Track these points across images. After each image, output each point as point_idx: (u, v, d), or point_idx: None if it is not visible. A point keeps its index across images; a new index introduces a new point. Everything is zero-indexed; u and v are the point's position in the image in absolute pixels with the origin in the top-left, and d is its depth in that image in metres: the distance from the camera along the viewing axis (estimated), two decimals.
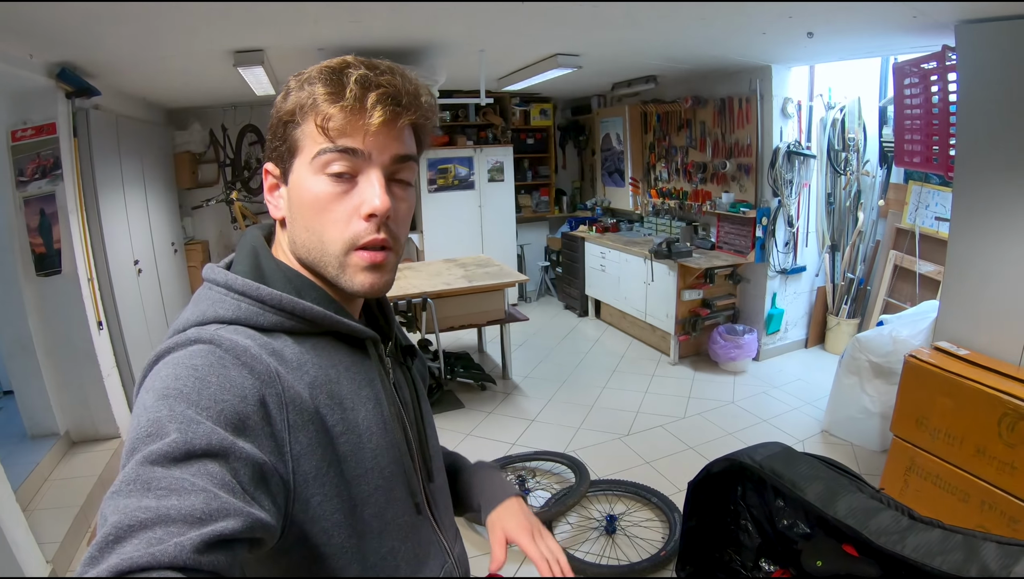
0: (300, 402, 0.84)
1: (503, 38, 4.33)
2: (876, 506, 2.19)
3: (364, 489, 0.90)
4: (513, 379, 5.84)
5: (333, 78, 0.87)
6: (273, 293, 0.90)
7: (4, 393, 5.18)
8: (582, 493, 3.71)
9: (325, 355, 0.93)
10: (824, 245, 6.09)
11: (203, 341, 0.82)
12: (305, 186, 0.91)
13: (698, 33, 4.26)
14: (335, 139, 0.87)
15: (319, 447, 0.84)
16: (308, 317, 0.92)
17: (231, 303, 0.89)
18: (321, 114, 0.87)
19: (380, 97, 0.86)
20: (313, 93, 0.88)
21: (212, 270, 0.95)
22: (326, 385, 0.89)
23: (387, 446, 0.96)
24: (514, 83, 6.11)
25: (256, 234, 1.01)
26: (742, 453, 2.60)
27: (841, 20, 3.74)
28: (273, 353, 0.86)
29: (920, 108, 4.17)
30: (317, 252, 0.93)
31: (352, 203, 0.90)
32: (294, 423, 0.82)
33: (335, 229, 0.91)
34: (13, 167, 4.07)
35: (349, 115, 0.87)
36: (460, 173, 7.90)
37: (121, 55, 4.01)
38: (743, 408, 5.07)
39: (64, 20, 3.11)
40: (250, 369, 0.80)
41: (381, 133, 0.88)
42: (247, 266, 0.95)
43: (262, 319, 0.89)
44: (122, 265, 5.06)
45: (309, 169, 0.90)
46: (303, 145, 0.90)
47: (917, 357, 3.37)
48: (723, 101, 5.98)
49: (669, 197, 6.97)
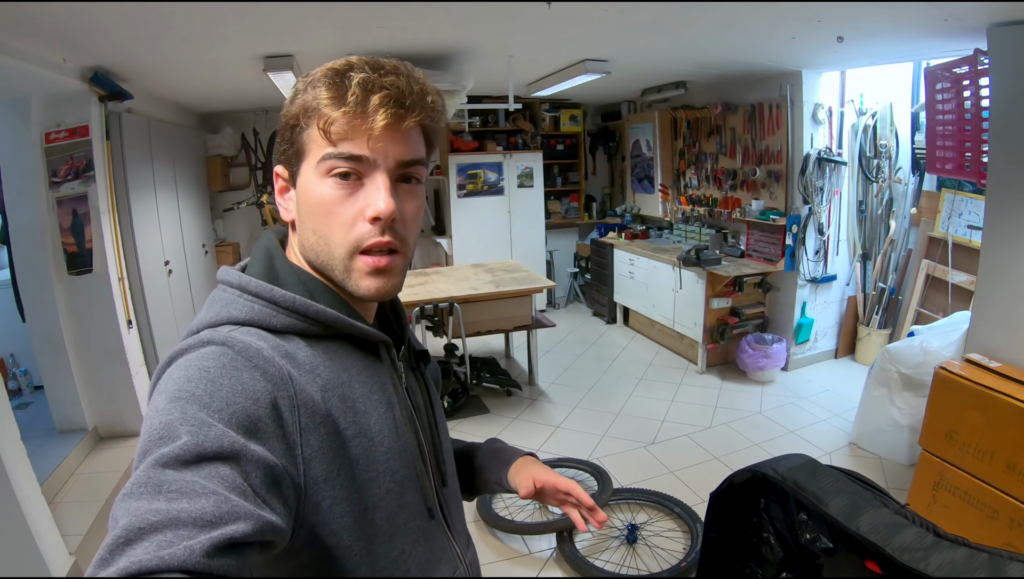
0: (312, 405, 0.84)
1: (531, 43, 4.33)
2: (900, 522, 2.14)
3: (376, 493, 0.90)
4: (539, 385, 5.83)
5: (336, 81, 0.87)
6: (286, 295, 0.90)
7: (35, 388, 5.34)
8: (604, 501, 3.69)
9: (337, 359, 0.93)
10: (855, 254, 6.00)
11: (216, 343, 0.83)
12: (311, 190, 0.91)
13: (726, 38, 4.23)
14: (338, 143, 0.87)
15: (330, 450, 0.84)
16: (321, 320, 0.92)
17: (244, 304, 0.90)
18: (324, 118, 0.87)
19: (383, 100, 0.86)
20: (317, 97, 0.87)
21: (226, 272, 0.95)
22: (338, 388, 0.89)
23: (399, 450, 0.95)
24: (543, 89, 6.10)
25: (271, 237, 1.02)
26: (765, 464, 2.56)
27: (871, 24, 3.69)
28: (286, 355, 0.86)
29: (952, 113, 4.10)
30: (325, 255, 0.93)
31: (357, 206, 0.90)
32: (306, 426, 0.82)
33: (340, 232, 0.91)
34: (47, 168, 4.19)
35: (352, 119, 0.86)
36: (490, 179, 7.91)
37: (153, 60, 4.08)
38: (770, 418, 5.01)
39: (97, 25, 3.18)
40: (262, 372, 0.81)
41: (385, 136, 0.88)
42: (261, 268, 0.96)
43: (275, 321, 0.89)
44: (153, 265, 5.17)
45: (315, 173, 0.90)
46: (309, 149, 0.91)
47: (947, 369, 3.31)
48: (753, 107, 5.93)
49: (699, 204, 6.92)
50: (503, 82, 5.39)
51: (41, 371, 4.60)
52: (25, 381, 5.44)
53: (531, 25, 3.75)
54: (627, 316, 7.74)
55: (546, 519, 3.66)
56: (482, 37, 4.09)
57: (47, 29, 3.15)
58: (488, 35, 4.05)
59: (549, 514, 3.71)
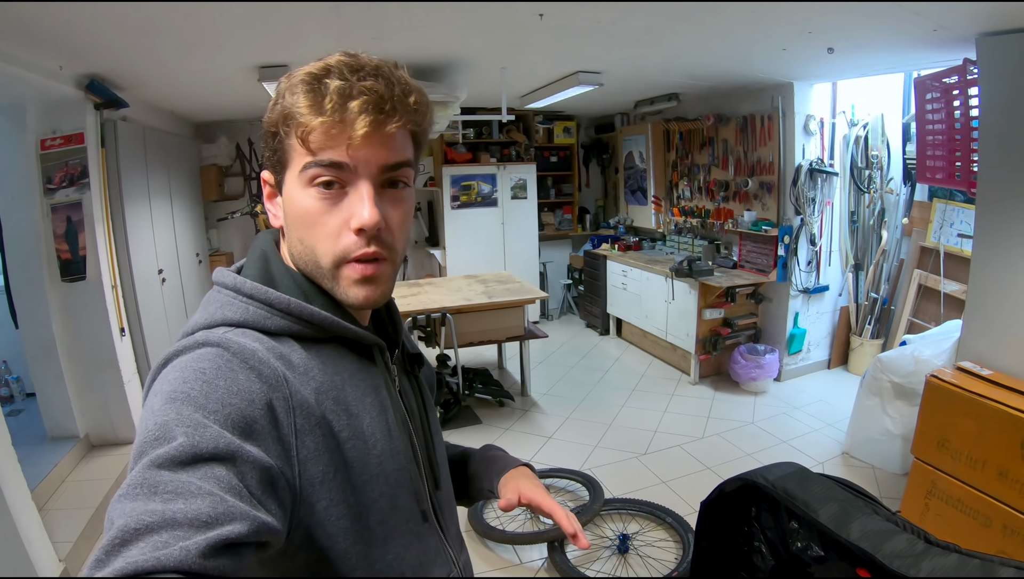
0: (307, 406, 0.83)
1: (524, 55, 4.34)
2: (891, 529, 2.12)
3: (369, 495, 0.90)
4: (532, 396, 5.81)
5: (313, 87, 0.85)
6: (281, 297, 0.90)
7: (27, 395, 5.33)
8: (595, 511, 3.66)
9: (331, 362, 0.92)
10: (847, 264, 6.01)
11: (211, 344, 0.82)
12: (296, 199, 0.90)
13: (718, 50, 4.25)
14: (318, 152, 0.85)
15: (326, 452, 0.84)
16: (315, 322, 0.91)
17: (239, 306, 0.90)
18: (303, 127, 0.85)
19: (362, 106, 0.83)
20: (295, 104, 0.85)
21: (222, 273, 0.95)
22: (331, 391, 0.89)
23: (392, 453, 0.95)
24: (536, 100, 6.11)
25: (267, 238, 1.01)
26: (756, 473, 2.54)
27: (861, 35, 3.71)
28: (280, 357, 0.86)
29: (942, 123, 4.12)
30: (312, 264, 0.92)
31: (342, 216, 0.88)
32: (301, 427, 0.82)
33: (326, 243, 0.89)
34: (42, 174, 4.21)
35: (331, 128, 0.84)
36: (483, 190, 7.93)
37: (148, 68, 4.10)
38: (763, 429, 5.00)
39: (93, 33, 3.19)
40: (257, 373, 0.80)
41: (366, 143, 0.85)
42: (257, 270, 0.96)
43: (270, 323, 0.89)
44: (146, 273, 5.17)
45: (298, 182, 0.89)
46: (291, 157, 0.89)
47: (939, 377, 3.31)
48: (745, 119, 5.95)
49: (691, 215, 6.94)
50: (497, 93, 5.41)
51: (33, 378, 4.58)
52: (17, 388, 5.43)
53: (524, 37, 3.77)
54: (620, 327, 7.73)
55: (537, 529, 3.64)
56: (476, 48, 4.10)
57: (43, 36, 3.15)
58: (482, 47, 4.05)
59: (541, 524, 3.69)
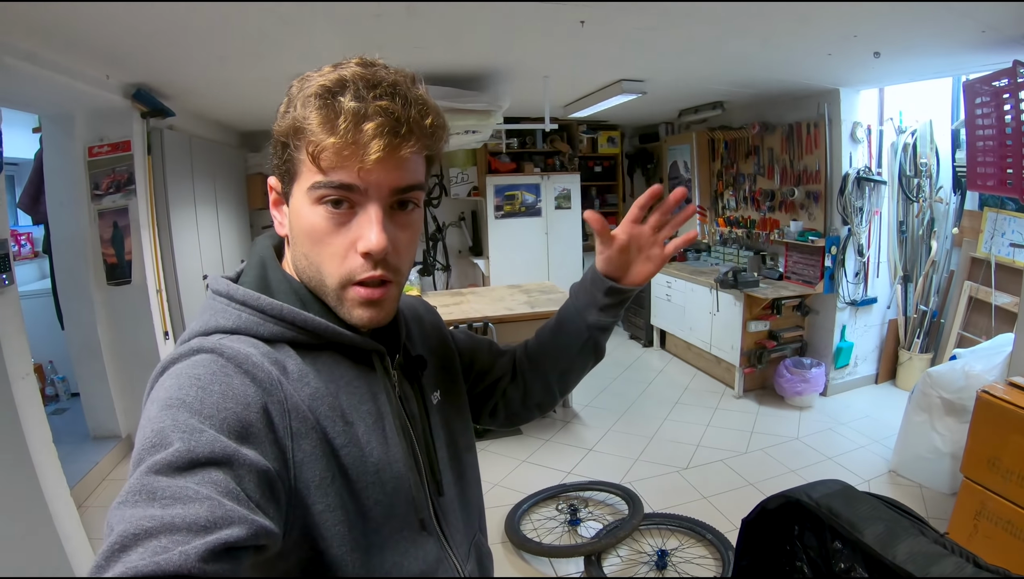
0: (302, 411, 0.84)
1: (566, 64, 4.33)
2: (939, 551, 2.07)
3: (365, 503, 0.90)
4: (573, 407, 5.79)
5: (327, 102, 0.84)
6: (274, 303, 0.90)
7: (71, 395, 5.50)
8: (634, 526, 3.63)
9: (326, 369, 0.92)
10: (896, 275, 5.87)
11: (206, 350, 0.83)
12: (303, 215, 0.90)
13: (762, 56, 4.19)
14: (329, 172, 0.85)
15: (322, 457, 0.84)
16: (310, 328, 0.91)
17: (232, 313, 0.91)
18: (314, 145, 0.84)
19: (376, 129, 0.82)
20: (307, 119, 0.84)
21: (216, 281, 0.96)
22: (327, 398, 0.89)
23: (389, 461, 0.94)
24: (579, 110, 6.11)
25: (265, 244, 1.02)
26: (799, 490, 2.50)
27: (907, 38, 3.64)
28: (275, 362, 0.86)
29: (992, 128, 3.98)
30: (316, 281, 0.93)
31: (349, 237, 0.88)
32: (297, 431, 0.82)
33: (332, 263, 0.90)
34: (89, 180, 4.36)
35: (343, 148, 0.83)
36: (527, 200, 7.95)
37: (192, 78, 4.21)
38: (808, 445, 4.90)
39: (138, 42, 3.28)
40: (252, 377, 0.81)
41: (379, 167, 0.84)
42: (254, 277, 0.97)
43: (262, 329, 0.89)
44: (191, 278, 5.30)
45: (306, 198, 0.88)
46: (300, 171, 0.89)
47: (990, 393, 3.20)
48: (791, 127, 5.86)
49: (736, 226, 6.86)
50: (540, 103, 5.41)
51: (78, 378, 4.73)
52: (62, 387, 5.61)
53: (566, 45, 3.76)
54: (664, 339, 7.65)
55: (574, 542, 3.62)
56: (518, 57, 4.11)
57: (90, 46, 3.25)
58: (523, 56, 4.06)
59: (578, 537, 3.66)
